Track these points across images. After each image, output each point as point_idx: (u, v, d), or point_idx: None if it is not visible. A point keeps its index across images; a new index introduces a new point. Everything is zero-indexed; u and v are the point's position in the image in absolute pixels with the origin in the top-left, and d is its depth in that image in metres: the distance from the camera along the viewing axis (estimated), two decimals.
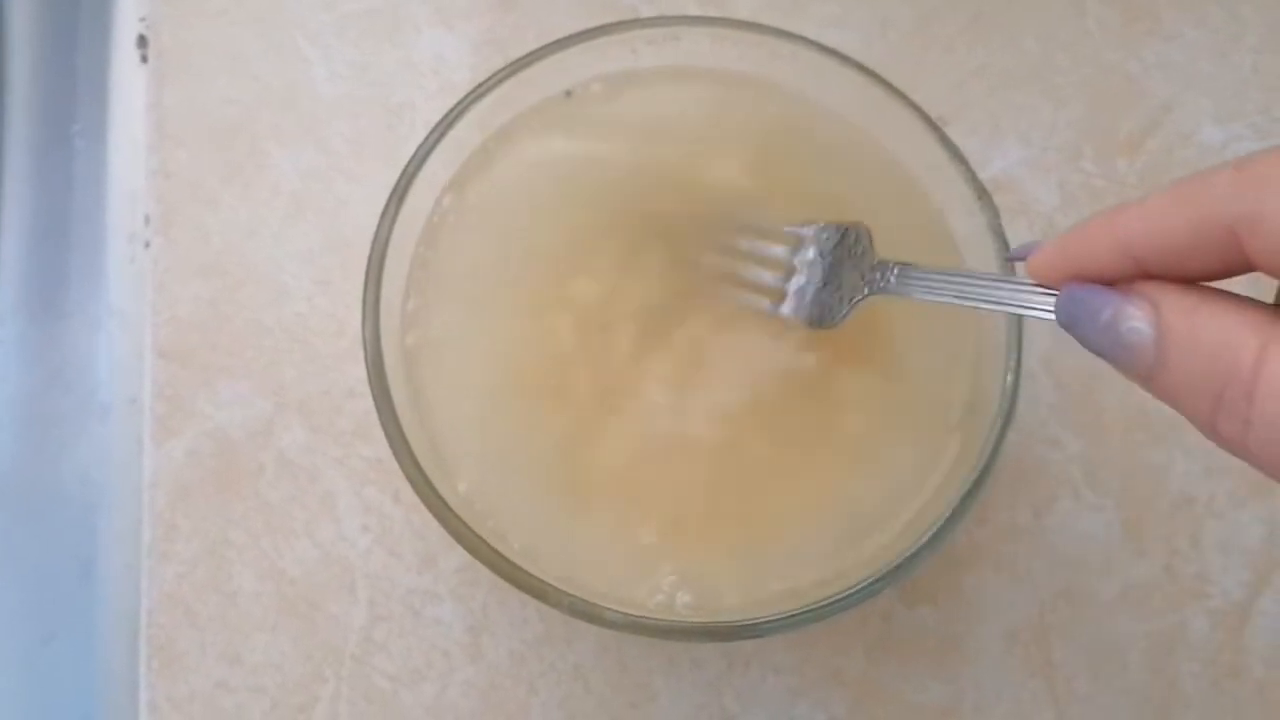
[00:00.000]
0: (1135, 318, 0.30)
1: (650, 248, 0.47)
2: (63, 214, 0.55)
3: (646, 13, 0.56)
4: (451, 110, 0.46)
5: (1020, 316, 0.35)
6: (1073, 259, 0.32)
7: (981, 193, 0.45)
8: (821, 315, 0.44)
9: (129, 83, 0.57)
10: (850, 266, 0.43)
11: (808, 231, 0.44)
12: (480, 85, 0.46)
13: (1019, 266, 0.36)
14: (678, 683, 0.49)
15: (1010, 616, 0.50)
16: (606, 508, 0.44)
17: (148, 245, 0.53)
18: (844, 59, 0.47)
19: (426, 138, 0.45)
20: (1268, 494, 0.51)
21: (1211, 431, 0.29)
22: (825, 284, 0.44)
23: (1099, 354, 0.31)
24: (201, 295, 0.52)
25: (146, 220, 0.53)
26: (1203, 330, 0.28)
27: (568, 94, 0.49)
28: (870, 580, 0.41)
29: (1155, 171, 0.55)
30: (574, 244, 0.47)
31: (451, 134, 0.46)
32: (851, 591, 0.41)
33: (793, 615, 0.41)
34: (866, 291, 0.42)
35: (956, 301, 0.38)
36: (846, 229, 0.43)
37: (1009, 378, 0.43)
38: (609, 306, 0.46)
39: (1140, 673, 0.50)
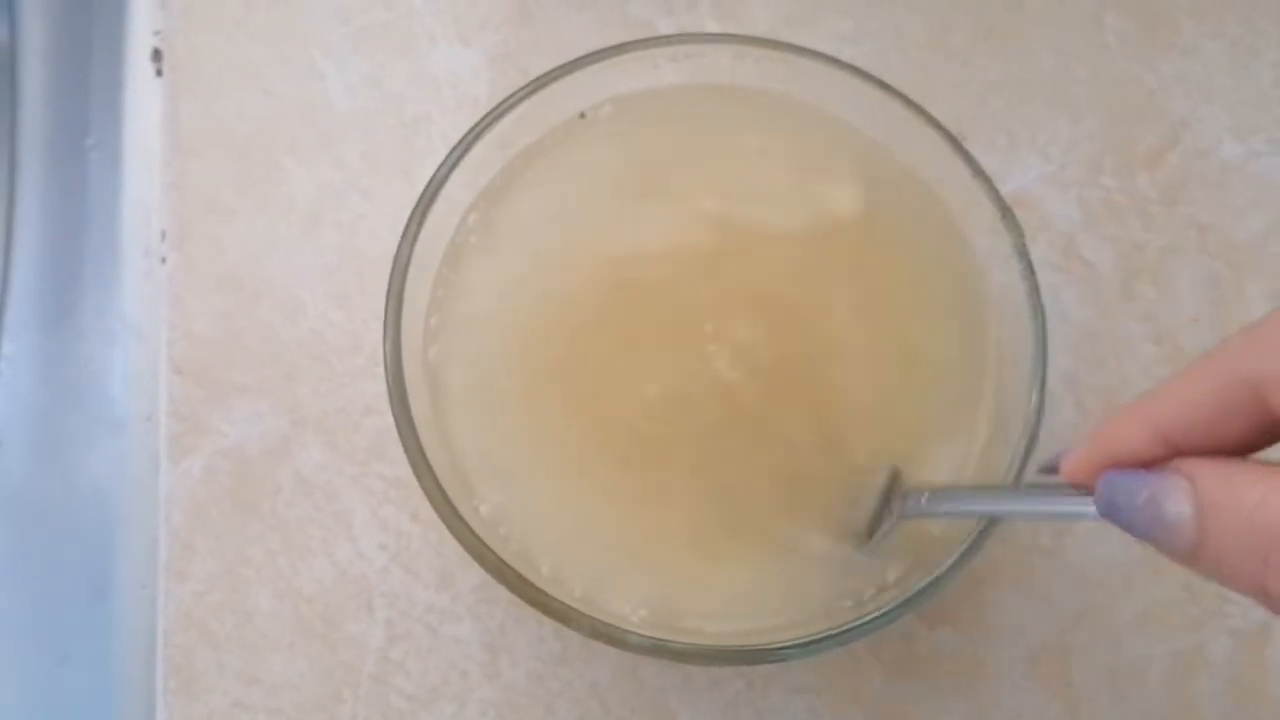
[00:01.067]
0: (1173, 493, 0.30)
1: (683, 271, 0.47)
2: (77, 227, 0.55)
3: (664, 28, 0.56)
4: (473, 128, 0.45)
5: (1056, 519, 0.35)
6: (1106, 452, 0.32)
7: (1005, 211, 0.44)
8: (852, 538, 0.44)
9: (143, 96, 0.56)
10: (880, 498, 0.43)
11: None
12: (501, 104, 0.46)
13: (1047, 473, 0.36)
14: (696, 703, 0.48)
15: (1030, 637, 0.50)
16: (632, 529, 0.44)
17: (163, 260, 0.52)
18: (865, 75, 0.46)
19: (448, 155, 0.45)
20: None
21: (1263, 595, 0.28)
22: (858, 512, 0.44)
23: (1142, 538, 0.31)
24: (217, 310, 0.52)
25: (162, 235, 0.53)
26: (1242, 495, 0.28)
27: (582, 115, 0.49)
28: (895, 604, 0.41)
29: (1176, 186, 0.55)
30: (601, 264, 0.47)
31: (473, 152, 0.45)
32: (875, 615, 0.41)
33: (815, 639, 0.41)
34: (895, 520, 0.42)
35: (992, 515, 0.38)
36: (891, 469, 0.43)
37: (1034, 397, 0.43)
38: (639, 329, 0.46)
39: (1160, 693, 0.50)
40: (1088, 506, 0.33)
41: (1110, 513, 0.31)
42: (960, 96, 0.56)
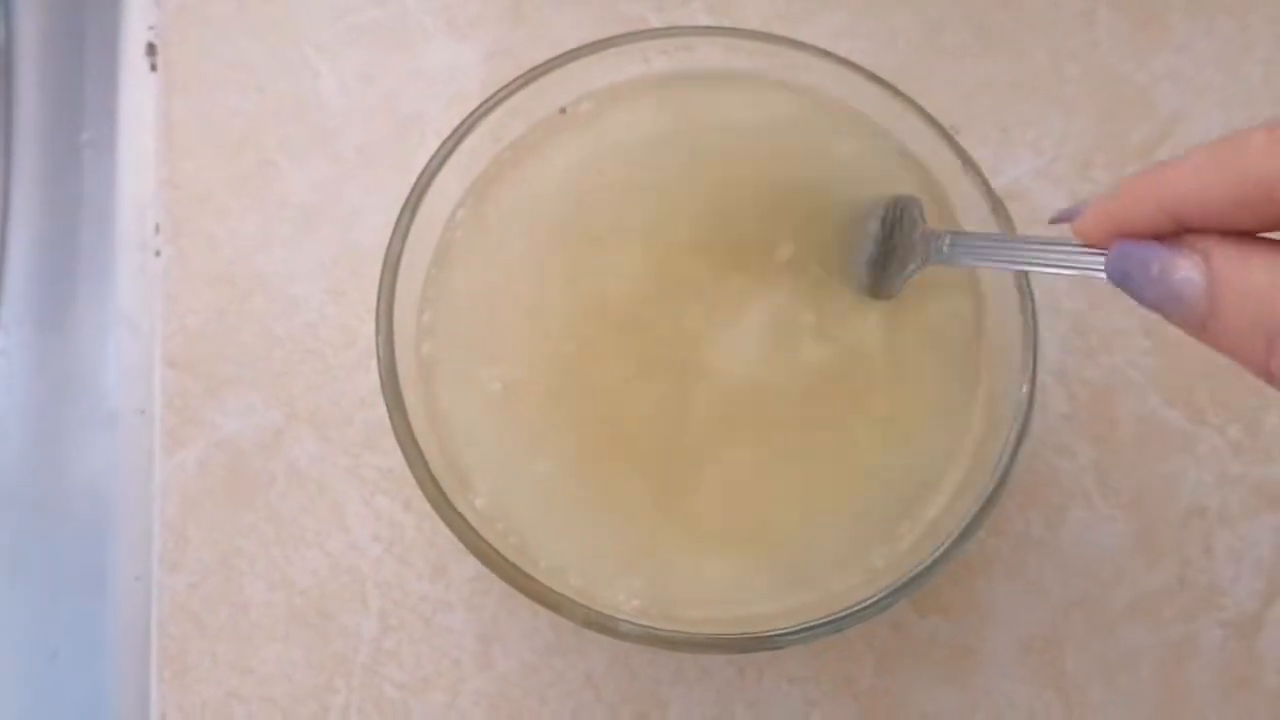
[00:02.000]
0: (1185, 268, 0.31)
1: (669, 261, 0.47)
2: (72, 223, 0.55)
3: (656, 22, 0.56)
4: (463, 122, 0.46)
5: (1070, 275, 0.36)
6: (1117, 219, 0.33)
7: (996, 204, 0.45)
8: (876, 284, 0.45)
9: (138, 91, 0.57)
10: (903, 237, 0.43)
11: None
12: (491, 96, 0.46)
13: (1063, 229, 0.36)
14: (688, 692, 0.48)
15: (1023, 626, 0.50)
16: (625, 518, 0.44)
17: (158, 254, 0.52)
18: (857, 68, 0.47)
19: (439, 149, 0.45)
20: None
21: (1266, 374, 0.29)
22: (880, 255, 0.44)
23: (1152, 307, 0.32)
24: (211, 305, 0.52)
25: (156, 229, 0.53)
26: (1254, 274, 0.29)
27: (562, 111, 0.49)
28: (887, 591, 0.41)
29: None
30: (591, 255, 0.47)
31: (464, 145, 0.46)
32: (867, 603, 0.41)
33: (807, 627, 0.41)
34: (921, 261, 0.42)
35: (1009, 266, 0.39)
36: (898, 199, 0.44)
37: (1024, 389, 0.43)
38: (629, 316, 0.46)
39: (1153, 683, 0.50)
40: (1097, 267, 0.34)
41: (1122, 280, 0.32)
42: (953, 92, 0.56)
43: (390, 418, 0.42)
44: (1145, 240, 0.32)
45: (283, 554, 0.49)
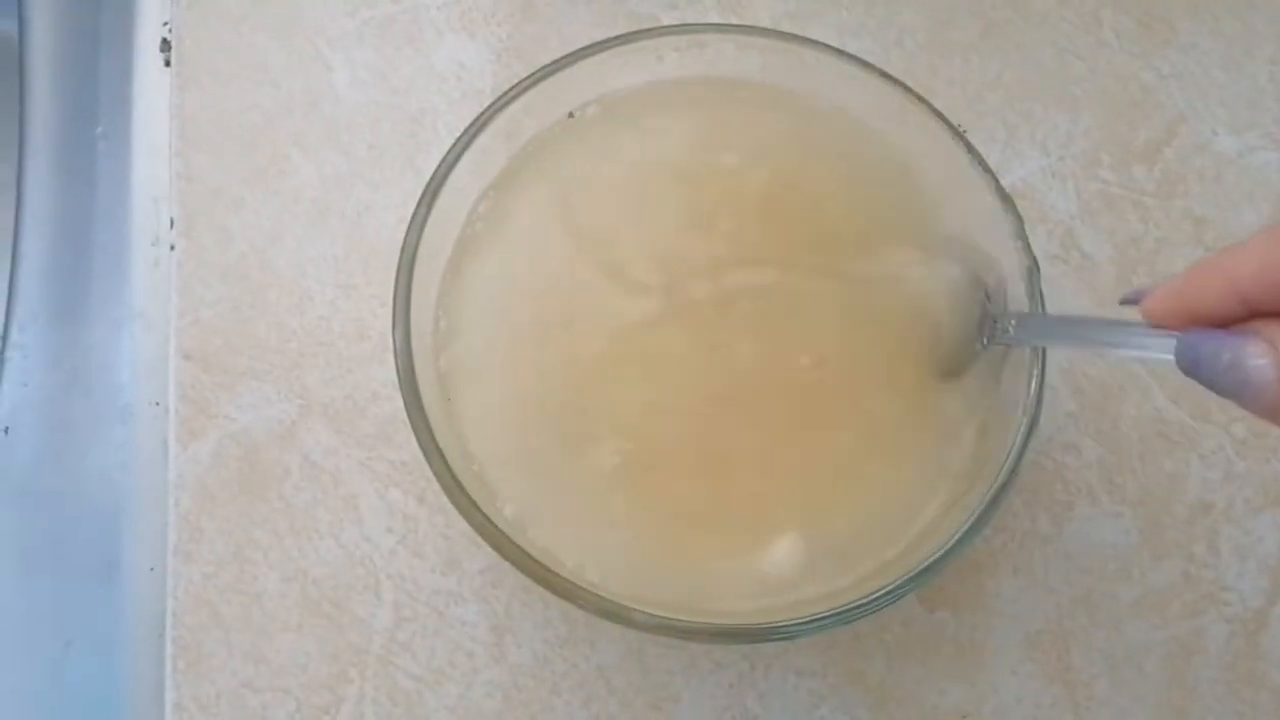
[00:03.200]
0: (1256, 356, 0.31)
1: (689, 261, 0.47)
2: (86, 217, 0.55)
3: (667, 21, 0.57)
4: (478, 117, 0.46)
5: (1138, 358, 0.37)
6: (1185, 301, 0.34)
7: (1005, 199, 0.45)
8: (948, 367, 0.45)
9: (152, 86, 0.57)
10: (965, 318, 0.44)
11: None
12: (507, 92, 0.46)
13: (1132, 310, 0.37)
14: (700, 684, 0.49)
15: (1029, 622, 0.50)
16: (642, 511, 0.44)
17: (172, 248, 0.53)
18: (868, 66, 0.47)
19: (455, 143, 0.45)
20: None
21: None
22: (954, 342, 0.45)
23: (1225, 395, 0.32)
24: (225, 298, 0.52)
25: (170, 223, 0.53)
26: None
27: (570, 115, 0.49)
28: (896, 584, 0.41)
29: (1172, 180, 0.56)
30: (607, 257, 0.47)
31: (479, 142, 0.46)
32: (877, 595, 0.41)
33: (817, 618, 0.41)
34: (985, 343, 0.43)
35: (1074, 345, 0.39)
36: (957, 281, 0.45)
37: (1033, 385, 0.44)
38: (648, 315, 0.46)
39: (1158, 679, 0.50)
40: (1166, 352, 0.34)
41: (1193, 368, 0.33)
42: (960, 91, 0.57)
43: (407, 411, 0.43)
44: (1213, 330, 0.33)
45: (296, 545, 0.49)
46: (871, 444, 0.46)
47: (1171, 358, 0.34)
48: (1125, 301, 0.37)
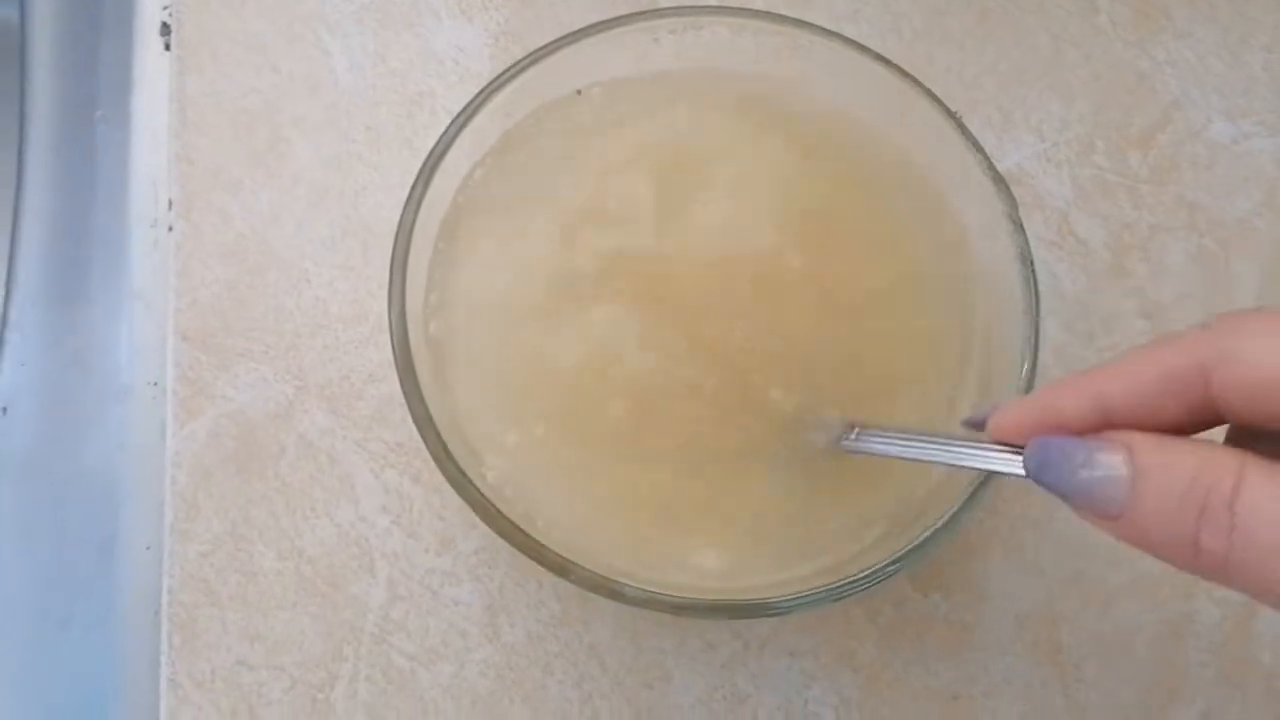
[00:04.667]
0: (1108, 457, 0.31)
1: (678, 241, 0.47)
2: (85, 198, 0.56)
3: (665, 3, 0.57)
4: (475, 98, 0.46)
5: (976, 469, 0.37)
6: (1040, 415, 0.33)
7: (999, 180, 0.45)
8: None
9: (152, 70, 0.57)
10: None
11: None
12: (503, 73, 0.47)
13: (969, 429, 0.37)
14: (691, 664, 0.49)
15: (1020, 604, 0.51)
16: (634, 490, 0.44)
17: (170, 229, 0.53)
18: (863, 49, 0.47)
19: (451, 123, 0.46)
20: None
21: (1191, 553, 0.29)
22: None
23: (1068, 498, 0.32)
24: (223, 279, 0.53)
25: (169, 205, 0.53)
26: (1177, 459, 0.30)
27: (578, 92, 0.49)
28: (887, 561, 0.42)
29: (1166, 166, 0.56)
30: (599, 237, 0.47)
31: (475, 122, 0.46)
32: (868, 572, 0.42)
33: (808, 595, 0.41)
34: (829, 445, 0.43)
35: (915, 458, 0.39)
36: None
37: (1025, 368, 0.44)
38: (639, 295, 0.46)
39: (1149, 660, 0.50)
40: (1014, 465, 0.34)
41: (1039, 471, 0.33)
42: (955, 77, 0.57)
43: (402, 387, 0.43)
44: (1064, 436, 0.32)
45: (292, 524, 0.50)
46: None
47: (1018, 471, 0.34)
48: (968, 423, 0.37)
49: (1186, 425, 0.31)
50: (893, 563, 0.42)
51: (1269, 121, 0.57)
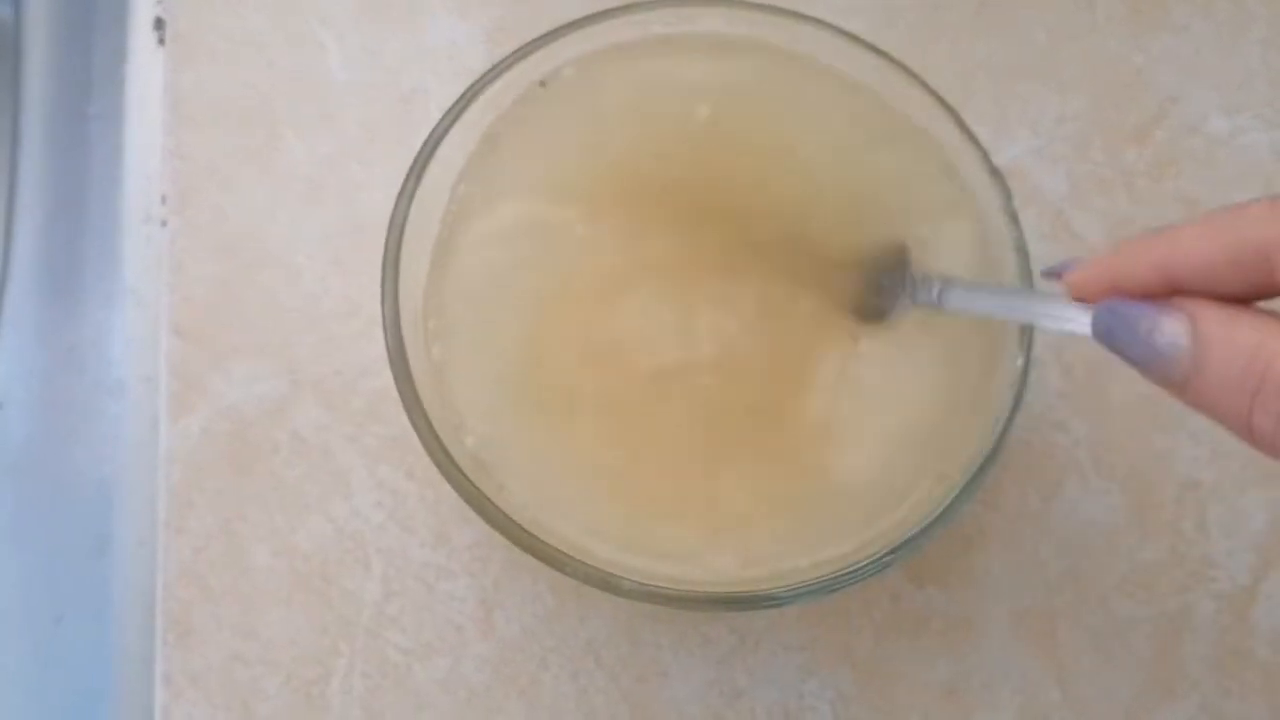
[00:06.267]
0: (1171, 325, 0.31)
1: (669, 231, 0.47)
2: (79, 194, 0.56)
3: None
4: (466, 91, 0.46)
5: (1054, 329, 0.37)
6: (1110, 277, 0.34)
7: (994, 173, 0.45)
8: (869, 315, 0.45)
9: (146, 65, 0.57)
10: (895, 277, 0.44)
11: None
12: (495, 67, 0.46)
13: (1047, 282, 0.37)
14: (688, 658, 0.49)
15: (1017, 597, 0.51)
16: (628, 482, 0.44)
17: (164, 225, 0.53)
18: (859, 41, 0.47)
19: (443, 117, 0.46)
20: (1273, 478, 0.52)
21: (1246, 429, 0.30)
22: (874, 290, 0.45)
23: (1135, 364, 0.32)
24: (217, 275, 0.52)
25: (163, 200, 0.53)
26: (1239, 333, 0.30)
27: (541, 84, 0.49)
28: (883, 553, 0.42)
29: (1163, 162, 0.56)
30: (590, 225, 0.47)
31: (467, 115, 0.46)
32: (863, 564, 0.42)
33: (807, 585, 0.41)
34: (911, 303, 0.43)
35: (996, 314, 0.40)
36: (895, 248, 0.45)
37: (1020, 361, 0.44)
38: (632, 287, 0.46)
39: (1145, 654, 0.50)
40: (1084, 324, 0.34)
41: (1107, 335, 0.33)
42: (951, 71, 0.57)
43: (396, 379, 0.43)
44: (1132, 299, 0.33)
45: (286, 520, 0.50)
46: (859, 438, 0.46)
47: (1088, 329, 0.34)
48: (1048, 273, 0.38)
49: (1254, 297, 0.31)
50: (889, 554, 0.42)
51: (1266, 115, 0.57)
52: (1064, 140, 0.56)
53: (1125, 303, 0.33)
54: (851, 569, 0.41)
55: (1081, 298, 0.35)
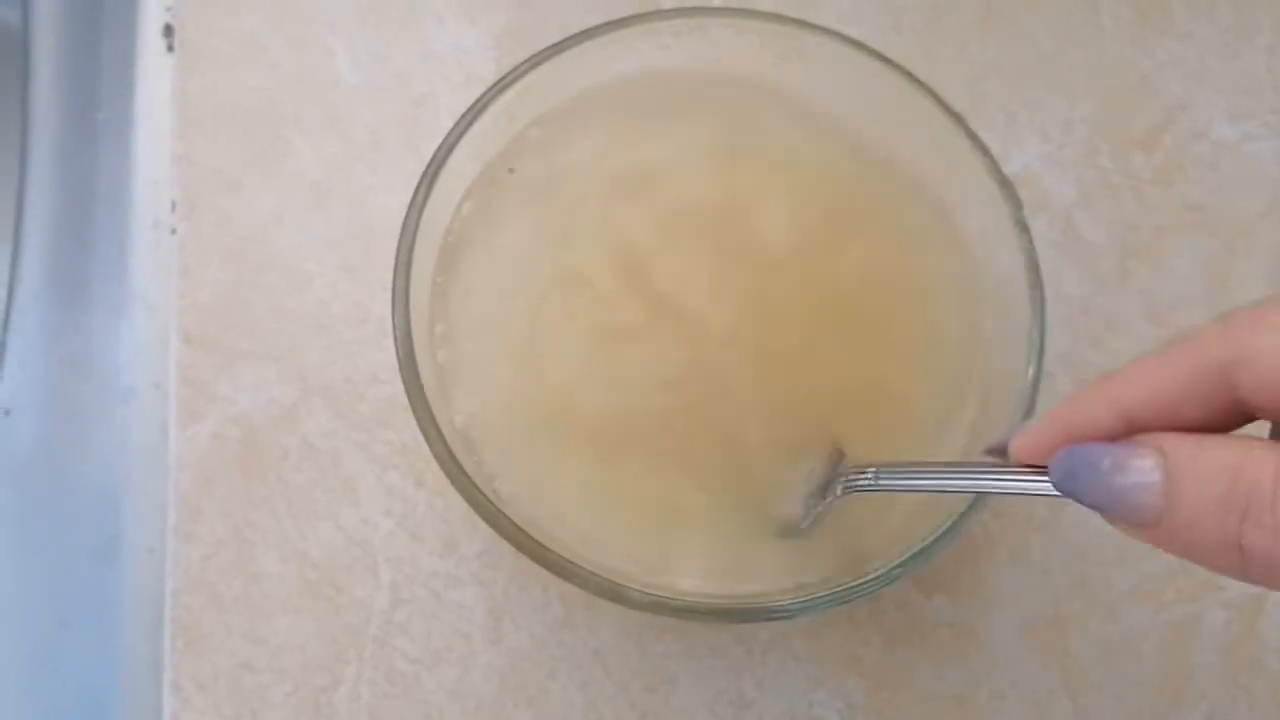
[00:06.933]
0: (1140, 462, 0.29)
1: (681, 249, 0.47)
2: (87, 200, 0.56)
3: (668, 5, 0.57)
4: (479, 100, 0.46)
5: (1005, 492, 0.35)
6: (1061, 431, 0.32)
7: (1004, 183, 0.45)
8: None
9: (154, 71, 0.57)
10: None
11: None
12: (507, 75, 0.46)
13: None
14: (697, 668, 0.49)
15: (1025, 607, 0.50)
16: (636, 497, 0.44)
17: (173, 231, 0.53)
18: (866, 49, 0.47)
19: (455, 125, 0.45)
20: None
21: (1235, 554, 0.28)
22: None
23: (1100, 507, 0.30)
24: (225, 281, 0.52)
25: (172, 206, 0.53)
26: (1214, 458, 0.28)
27: (511, 170, 0.49)
28: (892, 565, 0.41)
29: (1171, 168, 0.56)
30: (601, 243, 0.47)
31: (478, 125, 0.46)
32: (873, 577, 0.41)
33: (813, 598, 0.41)
34: (839, 492, 0.42)
35: (941, 490, 0.39)
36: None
37: (1031, 370, 0.44)
38: (647, 293, 0.47)
39: (1155, 664, 0.50)
40: (1041, 482, 0.32)
41: (1069, 480, 0.31)
42: (958, 79, 0.57)
43: (405, 386, 0.43)
44: (1093, 442, 0.31)
45: (295, 527, 0.50)
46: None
47: (1048, 489, 0.32)
48: (990, 450, 0.36)
49: (1218, 425, 0.30)
50: (898, 566, 0.41)
51: (1272, 122, 0.57)
52: (1072, 147, 0.56)
53: (1086, 445, 0.31)
54: (860, 581, 0.41)
55: (1031, 462, 0.33)
